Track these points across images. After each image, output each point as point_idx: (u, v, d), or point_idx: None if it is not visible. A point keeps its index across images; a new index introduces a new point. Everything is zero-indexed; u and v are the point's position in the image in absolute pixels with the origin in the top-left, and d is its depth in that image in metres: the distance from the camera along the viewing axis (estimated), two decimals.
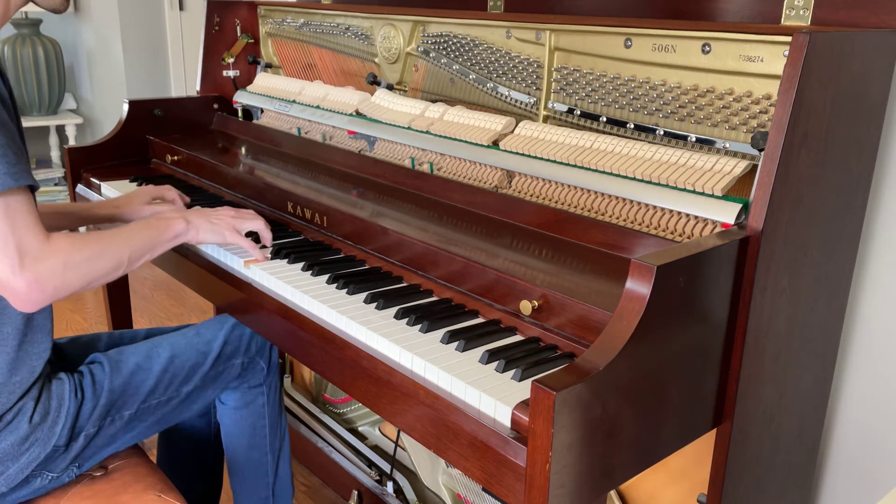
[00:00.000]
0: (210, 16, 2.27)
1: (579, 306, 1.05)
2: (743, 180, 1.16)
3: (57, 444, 1.23)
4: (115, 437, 1.32)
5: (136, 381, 1.32)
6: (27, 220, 1.07)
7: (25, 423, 1.20)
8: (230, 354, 1.43)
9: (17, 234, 1.06)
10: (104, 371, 1.30)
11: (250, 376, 1.49)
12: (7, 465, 1.19)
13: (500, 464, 0.92)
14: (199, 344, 1.40)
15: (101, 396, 1.28)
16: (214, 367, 1.41)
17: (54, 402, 1.23)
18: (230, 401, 1.52)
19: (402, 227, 1.37)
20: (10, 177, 1.04)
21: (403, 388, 1.05)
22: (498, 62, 1.61)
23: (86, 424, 1.26)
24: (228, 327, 1.44)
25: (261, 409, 1.53)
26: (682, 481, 1.27)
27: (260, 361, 1.49)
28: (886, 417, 1.39)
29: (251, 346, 1.47)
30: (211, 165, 1.87)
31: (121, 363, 1.32)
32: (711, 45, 1.23)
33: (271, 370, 1.52)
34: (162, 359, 1.35)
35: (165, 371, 1.35)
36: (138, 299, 3.50)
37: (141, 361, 1.34)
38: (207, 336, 1.42)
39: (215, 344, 1.41)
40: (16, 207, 1.06)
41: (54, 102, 4.17)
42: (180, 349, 1.38)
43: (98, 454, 1.31)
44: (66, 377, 1.26)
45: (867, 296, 1.37)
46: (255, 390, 1.52)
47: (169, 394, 1.36)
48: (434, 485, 1.85)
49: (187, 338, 1.41)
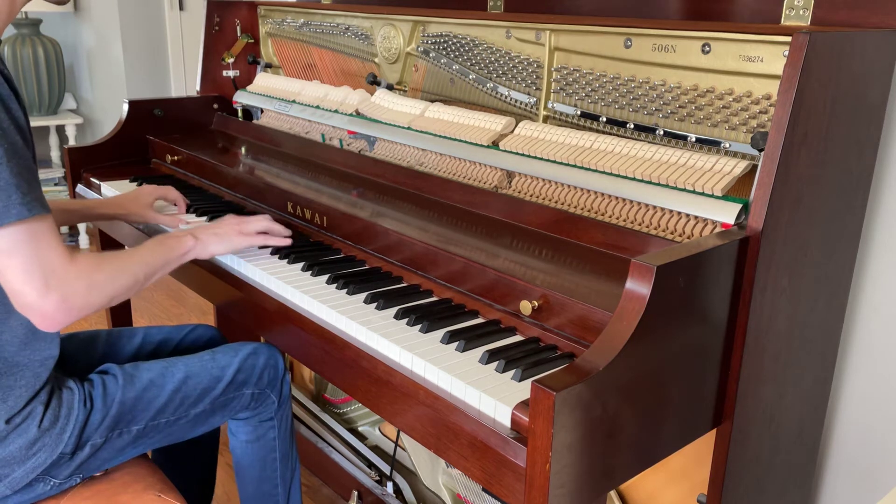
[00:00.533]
0: (210, 16, 2.27)
1: (579, 306, 1.05)
2: (743, 180, 1.16)
3: (63, 452, 1.23)
4: (121, 450, 1.32)
5: (148, 398, 1.33)
6: (51, 244, 1.10)
7: (34, 428, 1.20)
8: (242, 383, 1.44)
9: (41, 258, 1.08)
10: (117, 383, 1.31)
11: (261, 409, 1.50)
12: (13, 468, 1.20)
13: (500, 464, 0.92)
14: (213, 368, 1.41)
15: (111, 407, 1.28)
16: (225, 393, 1.42)
17: (64, 409, 1.24)
18: (241, 434, 1.52)
19: (402, 227, 1.37)
20: (25, 206, 1.06)
21: (403, 389, 1.05)
22: (498, 62, 1.61)
23: (93, 434, 1.27)
24: (243, 355, 1.45)
25: (272, 443, 1.53)
26: (682, 481, 1.27)
27: (271, 395, 1.49)
28: (886, 417, 1.39)
29: (263, 377, 1.47)
30: (211, 165, 1.87)
31: (135, 378, 1.33)
32: (711, 45, 1.23)
33: (282, 403, 1.52)
34: (176, 378, 1.36)
35: (177, 391, 1.36)
36: (138, 299, 3.50)
37: (155, 378, 1.35)
38: (222, 362, 1.43)
39: (229, 370, 1.42)
40: (39, 233, 1.08)
41: (54, 102, 4.17)
42: (194, 371, 1.39)
43: (102, 466, 1.31)
44: (75, 386, 1.27)
45: (867, 296, 1.37)
46: (267, 424, 1.52)
47: (178, 414, 1.37)
48: (434, 485, 1.85)
49: (202, 361, 1.42)
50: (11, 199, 1.04)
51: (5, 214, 1.04)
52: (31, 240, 1.07)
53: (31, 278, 1.08)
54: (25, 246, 1.07)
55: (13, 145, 1.07)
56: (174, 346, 1.58)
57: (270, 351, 1.47)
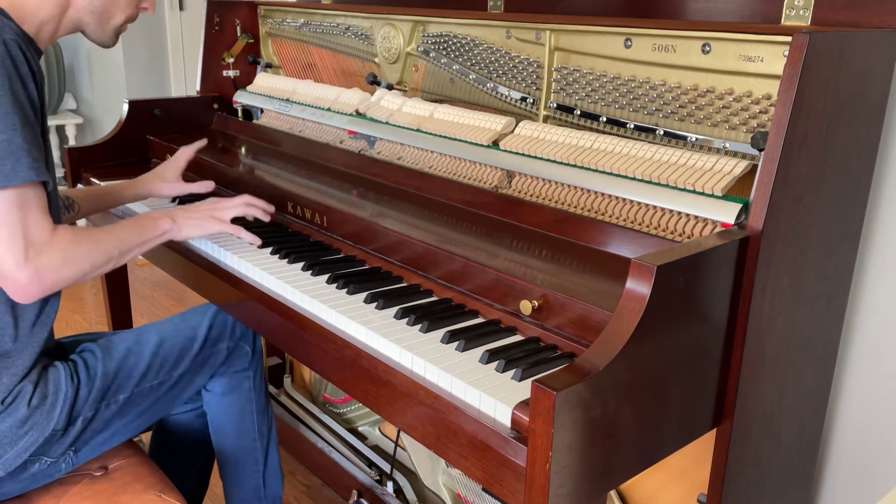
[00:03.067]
0: (210, 16, 2.27)
1: (579, 306, 1.05)
2: (743, 180, 1.16)
3: (55, 429, 1.26)
4: (110, 421, 1.35)
5: (129, 365, 1.37)
6: (38, 213, 1.15)
7: (24, 407, 1.23)
8: (216, 339, 1.48)
9: (26, 225, 1.13)
10: (96, 357, 1.34)
11: (236, 361, 1.54)
12: (5, 449, 1.21)
13: (501, 464, 0.92)
14: (185, 329, 1.46)
15: (95, 380, 1.32)
16: (202, 351, 1.46)
17: (52, 386, 1.27)
18: (217, 387, 1.54)
19: (402, 226, 1.37)
20: (34, 171, 1.12)
21: (403, 388, 1.05)
22: (498, 62, 1.61)
23: (83, 408, 1.30)
24: (212, 313, 1.49)
25: (248, 394, 1.57)
26: (682, 481, 1.27)
27: (245, 346, 1.54)
28: (886, 417, 1.39)
29: (235, 331, 1.52)
30: (211, 165, 1.87)
31: (111, 349, 1.37)
32: (711, 45, 1.23)
33: (256, 354, 1.57)
34: (151, 343, 1.40)
35: (156, 355, 1.40)
36: (138, 299, 3.50)
37: (131, 346, 1.39)
38: (193, 322, 1.47)
39: (201, 329, 1.46)
40: (30, 199, 1.14)
41: (54, 102, 4.17)
42: (168, 334, 1.43)
43: (94, 439, 1.34)
44: (60, 365, 1.30)
45: (867, 296, 1.37)
46: (241, 374, 1.55)
47: (161, 377, 1.41)
48: (434, 485, 1.85)
49: (174, 324, 1.46)
50: (21, 161, 1.11)
51: (13, 176, 1.10)
52: (21, 208, 1.12)
53: (12, 247, 1.12)
54: (15, 213, 1.12)
55: (27, 117, 1.14)
56: None
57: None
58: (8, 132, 1.11)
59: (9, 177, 1.10)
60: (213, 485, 1.77)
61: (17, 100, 1.13)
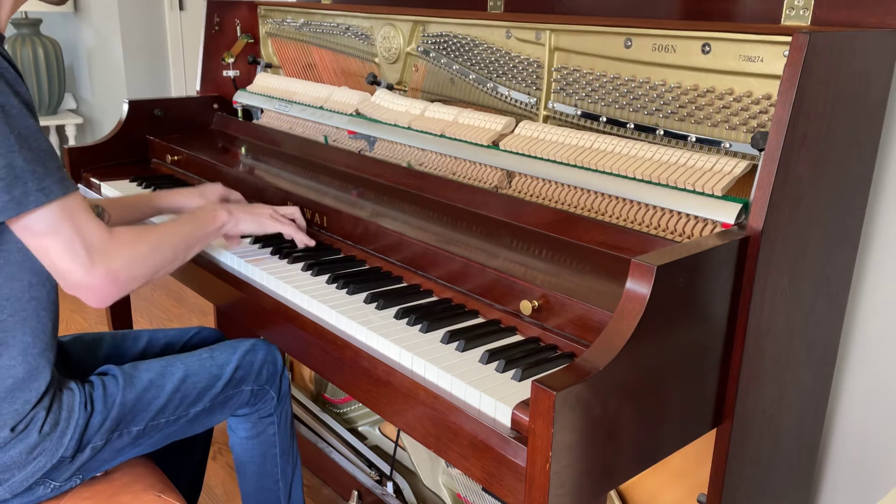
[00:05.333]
0: (210, 16, 2.27)
1: (579, 306, 1.05)
2: (743, 180, 1.16)
3: (64, 455, 1.23)
4: (121, 451, 1.32)
5: (148, 398, 1.32)
6: (87, 218, 1.11)
7: (35, 433, 1.20)
8: (241, 380, 1.44)
9: (81, 233, 1.09)
10: (117, 385, 1.30)
11: (260, 405, 1.49)
12: (13, 473, 1.19)
13: (501, 464, 0.92)
14: (212, 367, 1.41)
15: (111, 409, 1.28)
16: (224, 391, 1.42)
17: (64, 412, 1.23)
18: (241, 430, 1.52)
19: (402, 226, 1.37)
20: (42, 192, 1.07)
21: (403, 388, 1.05)
22: (498, 62, 1.61)
23: (93, 437, 1.26)
24: (242, 352, 1.45)
25: (272, 439, 1.53)
26: (682, 481, 1.27)
27: (270, 390, 1.49)
28: (886, 417, 1.39)
29: (262, 374, 1.47)
30: (211, 165, 1.87)
31: (134, 378, 1.33)
32: (711, 45, 1.23)
33: (282, 399, 1.52)
34: (175, 378, 1.36)
35: (177, 391, 1.35)
36: (138, 299, 3.50)
37: (154, 378, 1.34)
38: (221, 360, 1.43)
39: (227, 368, 1.42)
40: (75, 208, 1.10)
41: (54, 102, 4.18)
42: (193, 370, 1.39)
43: (102, 467, 1.31)
44: (76, 387, 1.26)
45: (867, 296, 1.37)
46: (266, 420, 1.52)
47: (178, 413, 1.37)
48: (434, 485, 1.85)
49: (201, 360, 1.42)
50: (28, 186, 1.05)
51: (24, 202, 1.05)
52: (66, 218, 1.08)
53: (75, 256, 1.09)
54: (62, 225, 1.08)
55: (26, 129, 1.07)
56: (179, 350, 1.58)
57: (269, 347, 1.47)
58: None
59: (20, 204, 1.05)
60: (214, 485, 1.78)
61: (11, 115, 1.07)
